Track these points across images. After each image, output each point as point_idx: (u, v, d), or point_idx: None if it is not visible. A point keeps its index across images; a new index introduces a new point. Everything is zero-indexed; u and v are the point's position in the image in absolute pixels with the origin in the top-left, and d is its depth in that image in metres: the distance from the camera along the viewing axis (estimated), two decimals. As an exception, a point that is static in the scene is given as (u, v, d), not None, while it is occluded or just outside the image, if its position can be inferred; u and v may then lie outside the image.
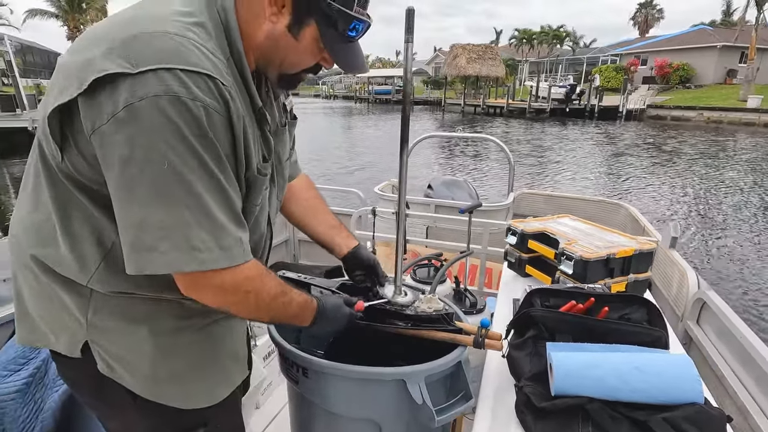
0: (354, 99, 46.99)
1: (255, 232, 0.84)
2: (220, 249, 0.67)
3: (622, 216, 2.88)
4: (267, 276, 0.78)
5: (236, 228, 0.70)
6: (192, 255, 0.65)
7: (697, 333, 1.54)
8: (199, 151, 0.63)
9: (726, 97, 25.04)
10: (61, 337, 0.77)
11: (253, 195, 0.78)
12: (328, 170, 10.73)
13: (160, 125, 0.60)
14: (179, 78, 0.60)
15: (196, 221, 0.64)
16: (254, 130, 0.75)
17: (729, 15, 40.46)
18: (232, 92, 0.66)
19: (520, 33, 45.10)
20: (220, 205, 0.67)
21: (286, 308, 0.83)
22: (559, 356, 0.90)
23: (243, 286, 0.73)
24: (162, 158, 0.61)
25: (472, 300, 1.71)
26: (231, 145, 0.69)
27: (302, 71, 0.80)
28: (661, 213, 7.82)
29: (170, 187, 0.62)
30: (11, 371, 1.24)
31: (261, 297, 0.76)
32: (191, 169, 0.63)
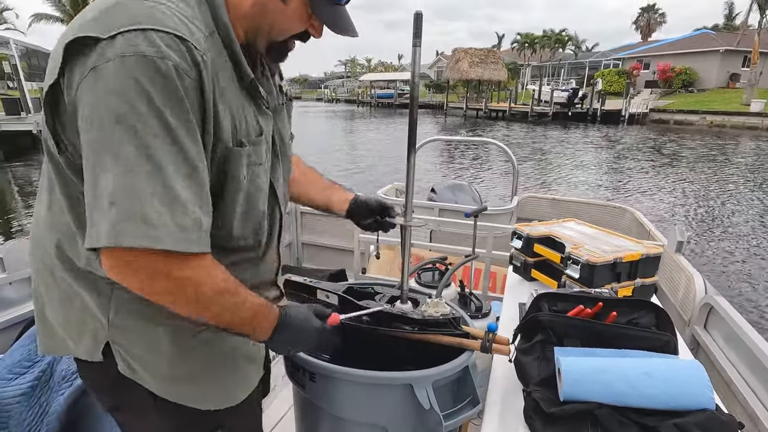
0: (356, 103, 47.13)
1: (250, 213, 0.78)
2: (177, 227, 0.59)
3: (627, 220, 2.87)
4: (216, 268, 0.68)
5: (199, 209, 0.63)
6: (142, 228, 0.58)
7: (704, 338, 1.53)
8: (165, 114, 0.59)
9: (729, 101, 25.00)
10: (81, 342, 0.76)
11: (235, 169, 0.72)
12: (328, 172, 10.74)
13: (124, 85, 0.57)
14: (149, 38, 0.58)
15: (151, 191, 0.58)
16: (242, 104, 0.73)
17: (731, 19, 40.47)
18: (206, 59, 0.63)
19: (522, 37, 45.20)
20: (184, 177, 0.60)
21: (236, 310, 0.71)
22: (567, 361, 0.90)
23: (182, 271, 0.63)
24: (122, 120, 0.57)
25: (477, 304, 1.71)
26: (202, 113, 0.64)
27: (291, 39, 0.78)
28: (665, 216, 7.79)
29: (127, 151, 0.57)
30: (17, 374, 1.25)
31: (201, 289, 0.65)
32: (154, 133, 0.58)
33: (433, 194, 3.70)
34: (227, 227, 0.75)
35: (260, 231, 0.83)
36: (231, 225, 0.76)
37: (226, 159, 0.71)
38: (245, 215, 0.77)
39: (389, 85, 44.25)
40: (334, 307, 0.99)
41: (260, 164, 0.78)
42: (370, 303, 1.10)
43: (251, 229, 0.80)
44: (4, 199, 9.12)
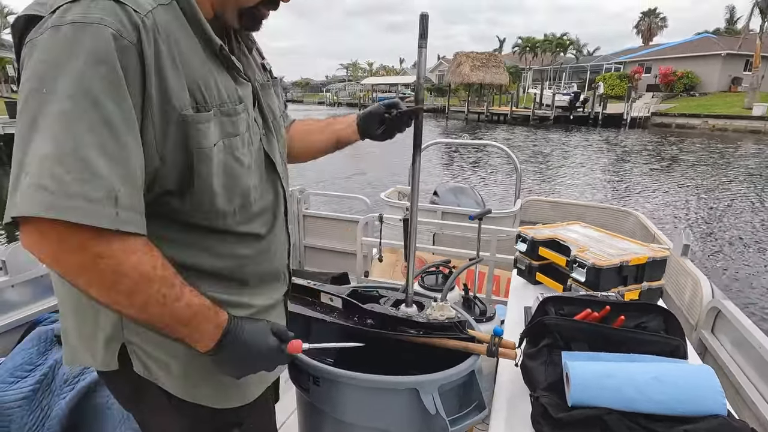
0: (358, 106, 47.25)
1: (233, 187, 0.74)
2: (81, 197, 0.55)
3: (631, 223, 2.86)
4: (146, 253, 0.61)
5: (118, 181, 0.57)
6: (37, 195, 0.53)
7: (712, 342, 1.51)
8: (89, 80, 0.56)
9: (731, 105, 24.98)
10: (97, 351, 0.75)
11: (196, 136, 0.66)
12: (326, 176, 10.78)
13: (50, 53, 0.57)
14: (83, 6, 0.58)
15: (62, 159, 0.54)
16: (210, 70, 0.70)
17: (733, 23, 40.52)
18: (147, 21, 0.61)
19: (524, 41, 45.32)
20: (100, 146, 0.56)
21: (169, 305, 0.63)
22: (575, 366, 0.88)
23: (94, 246, 0.57)
24: (40, 87, 0.56)
25: (481, 308, 1.69)
26: (140, 77, 0.61)
27: (260, 4, 0.75)
28: (669, 220, 7.77)
29: (42, 118, 0.55)
30: (18, 377, 1.24)
31: (121, 269, 0.58)
32: (72, 99, 0.55)
33: (436, 197, 3.70)
34: (210, 202, 0.71)
35: (250, 207, 0.78)
36: (213, 200, 0.71)
37: (185, 126, 0.66)
38: (227, 189, 0.73)
39: (391, 88, 44.38)
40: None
41: (236, 135, 0.73)
42: (375, 306, 1.09)
43: (240, 204, 0.76)
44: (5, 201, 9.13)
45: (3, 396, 1.17)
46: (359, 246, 2.57)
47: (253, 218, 0.80)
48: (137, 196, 0.61)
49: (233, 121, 0.73)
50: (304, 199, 3.19)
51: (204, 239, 0.74)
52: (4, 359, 1.31)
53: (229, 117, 0.73)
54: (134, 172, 0.60)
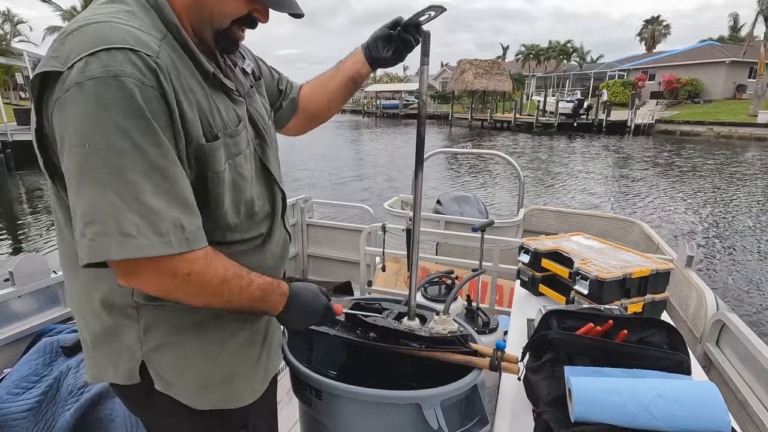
0: (362, 113, 47.47)
1: (239, 201, 0.80)
2: (156, 235, 0.63)
3: (635, 233, 2.85)
4: (214, 257, 0.72)
5: (178, 212, 0.65)
6: (123, 240, 0.61)
7: (717, 356, 1.50)
8: (129, 130, 0.61)
9: (735, 113, 24.89)
10: (119, 367, 0.79)
11: (213, 163, 0.73)
12: (320, 181, 10.82)
13: (83, 110, 0.60)
14: (100, 59, 0.60)
15: (126, 206, 0.61)
16: (210, 98, 0.74)
17: (736, 31, 40.50)
18: (160, 63, 0.65)
19: (527, 48, 45.49)
20: (156, 187, 0.63)
21: (245, 291, 0.76)
22: (578, 381, 0.88)
23: (182, 268, 0.67)
24: (86, 143, 0.60)
25: (484, 319, 1.69)
26: (168, 117, 0.66)
27: (234, 24, 0.76)
28: (673, 230, 7.71)
29: (98, 171, 0.60)
30: (23, 389, 1.24)
31: (206, 279, 0.70)
32: (119, 151, 0.60)
33: (439, 206, 3.71)
34: (222, 219, 0.77)
35: (255, 216, 0.84)
36: (225, 217, 0.77)
37: (202, 155, 0.72)
38: (235, 204, 0.79)
39: (394, 95, 44.57)
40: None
41: (240, 153, 0.79)
42: (377, 319, 1.09)
43: (245, 214, 0.82)
44: (14, 210, 9.23)
45: (9, 407, 1.17)
46: (362, 255, 2.57)
47: (257, 224, 0.86)
48: (195, 217, 0.69)
49: (236, 141, 0.78)
50: (308, 208, 3.20)
51: (223, 251, 0.77)
52: (10, 370, 1.32)
53: (232, 138, 0.76)
54: (187, 200, 0.68)
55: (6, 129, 12.70)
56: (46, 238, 6.99)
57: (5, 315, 1.52)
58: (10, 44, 33.96)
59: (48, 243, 6.68)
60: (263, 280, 0.80)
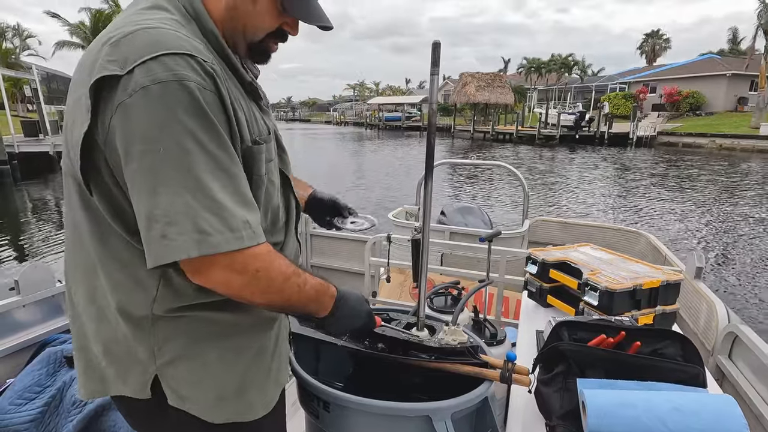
0: (364, 125, 47.78)
1: (268, 208, 0.82)
2: (230, 231, 0.65)
3: (642, 244, 2.82)
4: (276, 255, 0.74)
5: (243, 209, 0.68)
6: (201, 238, 0.63)
7: (730, 369, 1.48)
8: (196, 132, 0.63)
9: (737, 125, 24.93)
10: (129, 380, 0.77)
11: (257, 166, 0.77)
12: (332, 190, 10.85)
13: (151, 114, 0.61)
14: (163, 63, 0.62)
15: (200, 205, 0.63)
16: (248, 105, 0.77)
17: (736, 44, 40.79)
18: (215, 68, 0.67)
19: (529, 62, 45.90)
20: (223, 186, 0.66)
21: (302, 291, 0.77)
22: (591, 394, 0.86)
23: (251, 264, 0.69)
24: (157, 145, 0.61)
25: (492, 330, 1.67)
26: (226, 120, 0.68)
27: (268, 38, 0.80)
28: (679, 241, 7.67)
29: (169, 173, 0.62)
30: (26, 399, 1.23)
31: (272, 276, 0.72)
32: (188, 152, 0.62)
33: (443, 217, 3.70)
34: None
35: (277, 222, 0.86)
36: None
37: (249, 158, 0.75)
38: (264, 210, 0.80)
39: (397, 108, 44.91)
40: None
41: (271, 160, 0.82)
42: (386, 330, 1.08)
43: (270, 222, 0.83)
44: (19, 220, 9.28)
45: (11, 418, 1.16)
46: (367, 266, 2.56)
47: (277, 231, 0.87)
48: (256, 214, 0.71)
49: (268, 148, 0.80)
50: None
51: None
52: (13, 380, 1.31)
53: (265, 145, 0.79)
54: (249, 197, 0.71)
55: (13, 141, 12.85)
56: (50, 247, 7.00)
57: (9, 324, 1.51)
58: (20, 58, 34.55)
59: (51, 253, 6.69)
60: (316, 280, 0.81)
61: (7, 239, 7.76)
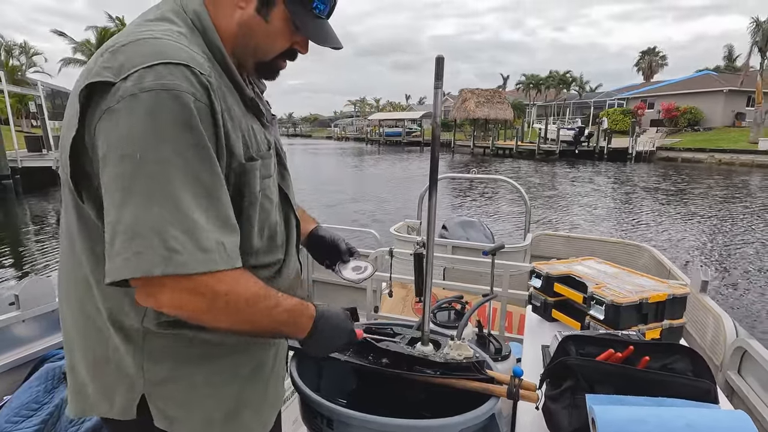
0: (365, 140, 48.15)
1: (265, 225, 0.80)
2: (201, 251, 0.61)
3: (645, 258, 2.81)
4: (245, 278, 0.69)
5: (219, 231, 0.64)
6: (168, 256, 0.59)
7: (739, 384, 1.45)
8: (178, 144, 0.60)
9: (736, 140, 25.12)
10: (115, 400, 0.74)
11: (251, 183, 0.74)
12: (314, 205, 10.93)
13: (134, 120, 0.59)
14: (157, 73, 0.60)
15: (171, 220, 0.59)
16: (248, 121, 0.75)
17: (732, 61, 41.37)
18: (212, 81, 0.65)
19: (528, 78, 46.51)
20: (200, 204, 0.62)
21: (272, 314, 0.71)
22: (602, 410, 0.84)
23: (213, 287, 0.63)
24: (135, 152, 0.58)
25: (496, 345, 1.64)
26: (215, 134, 0.66)
27: (278, 57, 0.80)
28: (681, 255, 7.63)
29: (143, 183, 0.59)
30: (23, 417, 1.21)
31: (234, 300, 0.66)
32: (166, 163, 0.59)
33: (445, 231, 3.69)
34: (248, 242, 0.76)
35: (276, 240, 0.84)
36: (251, 240, 0.77)
37: (242, 174, 0.72)
38: (261, 227, 0.79)
39: (397, 123, 45.31)
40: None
41: (270, 176, 0.80)
42: (390, 344, 1.06)
43: (267, 238, 0.81)
44: (20, 233, 9.27)
45: (7, 436, 1.14)
46: (369, 280, 2.54)
47: (275, 250, 0.85)
48: (235, 236, 0.68)
49: (266, 165, 0.79)
50: (314, 233, 3.19)
51: None
52: (11, 397, 1.29)
53: (264, 161, 0.77)
54: (229, 217, 0.67)
55: (16, 156, 12.95)
56: (51, 262, 6.97)
57: (8, 340, 1.49)
58: (26, 74, 35.07)
59: (52, 267, 6.67)
60: (291, 301, 0.76)
61: (8, 253, 7.75)
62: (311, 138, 63.18)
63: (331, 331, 0.82)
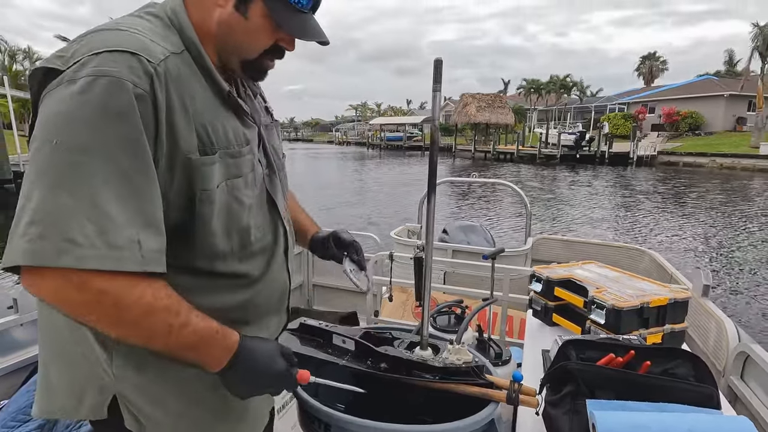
0: (366, 145, 48.23)
1: (233, 228, 0.75)
2: (107, 246, 0.56)
3: (646, 262, 2.80)
4: (154, 282, 0.62)
5: (138, 228, 0.59)
6: (65, 248, 0.55)
7: (742, 390, 1.43)
8: (103, 132, 0.57)
9: (737, 144, 25.11)
10: (85, 400, 0.72)
11: (201, 180, 0.68)
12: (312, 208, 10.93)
13: (62, 104, 0.58)
14: (100, 58, 0.60)
15: (78, 210, 0.55)
16: (219, 116, 0.73)
17: (733, 65, 41.43)
18: (159, 70, 0.63)
19: (529, 83, 46.64)
20: (119, 196, 0.58)
21: (174, 333, 0.63)
22: (602, 416, 0.83)
23: (101, 286, 0.57)
24: (55, 136, 0.56)
25: (496, 350, 1.64)
26: (154, 125, 0.63)
27: (264, 55, 0.77)
28: (682, 259, 7.60)
29: (55, 168, 0.56)
30: (20, 422, 1.20)
31: (123, 305, 0.59)
32: (85, 153, 0.56)
33: (445, 235, 3.68)
34: (210, 245, 0.72)
35: (250, 247, 0.79)
36: (213, 243, 0.72)
37: (190, 168, 0.68)
38: (227, 230, 0.74)
39: (398, 128, 45.40)
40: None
41: (239, 176, 0.75)
42: (389, 349, 1.05)
43: (239, 243, 0.77)
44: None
45: (3, 441, 1.13)
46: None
47: (251, 257, 0.80)
48: (157, 237, 0.63)
49: (237, 163, 0.75)
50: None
51: (207, 282, 0.74)
52: (8, 402, 1.28)
53: (234, 159, 0.74)
54: (153, 216, 0.62)
55: (19, 160, 13.01)
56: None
57: (6, 344, 1.49)
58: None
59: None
60: (206, 324, 0.66)
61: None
62: (312, 142, 63.37)
63: (253, 373, 0.70)
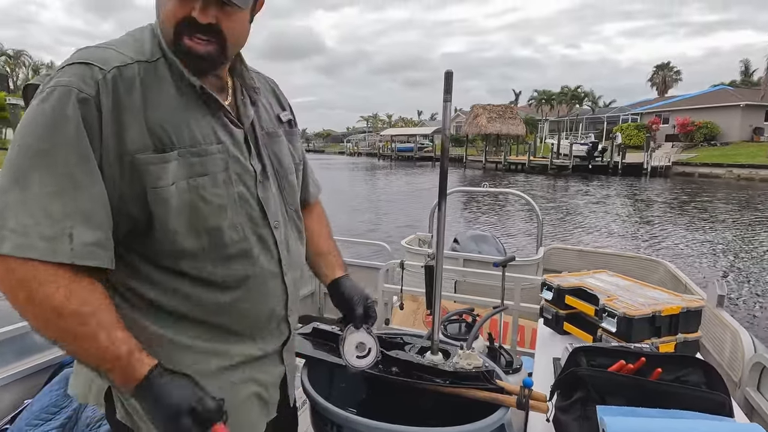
0: (377, 156, 48.48)
1: (200, 227, 0.74)
2: (39, 237, 0.62)
3: (661, 273, 2.77)
4: (79, 280, 0.64)
5: (73, 222, 0.64)
6: (5, 236, 0.62)
7: (759, 401, 1.41)
8: (50, 136, 0.65)
9: (754, 155, 24.61)
10: (93, 387, 0.79)
11: (150, 178, 0.70)
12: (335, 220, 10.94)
13: (29, 115, 0.67)
14: (62, 72, 0.68)
15: (24, 205, 0.63)
16: (188, 114, 0.74)
17: (748, 75, 40.88)
18: (108, 76, 0.68)
19: (540, 94, 46.60)
20: (59, 192, 0.64)
21: (78, 342, 0.64)
22: (613, 422, 0.84)
23: (18, 274, 0.62)
24: (17, 141, 0.66)
25: (507, 358, 1.64)
26: (98, 126, 0.68)
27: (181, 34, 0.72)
28: (698, 270, 7.45)
29: (14, 168, 0.65)
30: (43, 420, 1.24)
31: (38, 299, 0.62)
32: (37, 153, 0.65)
33: (456, 245, 3.69)
34: (171, 243, 0.73)
35: (225, 250, 0.77)
36: (176, 240, 0.73)
37: (137, 166, 0.69)
38: (193, 229, 0.74)
39: (409, 139, 45.62)
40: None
41: (205, 174, 0.74)
42: (400, 353, 1.07)
43: (210, 243, 0.75)
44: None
45: (27, 439, 1.17)
46: (380, 293, 2.55)
47: (228, 259, 0.78)
48: (94, 232, 0.66)
49: (203, 161, 0.74)
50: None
51: (180, 283, 0.75)
52: (31, 401, 1.32)
53: (199, 157, 0.74)
54: (91, 212, 0.66)
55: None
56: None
57: (29, 346, 1.54)
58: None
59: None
60: (111, 344, 0.64)
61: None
62: (324, 153, 63.93)
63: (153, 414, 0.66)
